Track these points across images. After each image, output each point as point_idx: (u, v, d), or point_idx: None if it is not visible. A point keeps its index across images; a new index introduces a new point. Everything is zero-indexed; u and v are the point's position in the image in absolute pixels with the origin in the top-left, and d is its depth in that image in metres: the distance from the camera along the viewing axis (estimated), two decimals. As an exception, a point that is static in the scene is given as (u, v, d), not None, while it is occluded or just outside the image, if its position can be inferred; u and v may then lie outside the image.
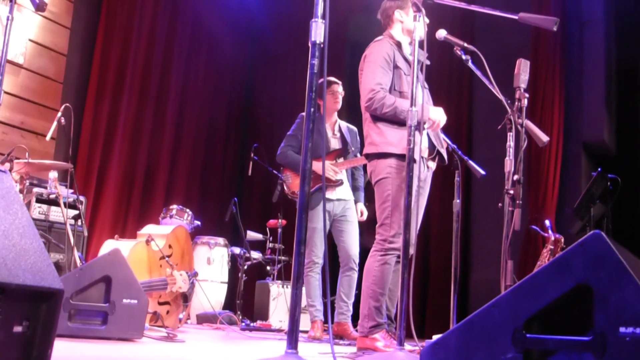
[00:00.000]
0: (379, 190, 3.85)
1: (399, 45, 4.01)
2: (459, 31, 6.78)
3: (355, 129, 5.58)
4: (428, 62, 3.99)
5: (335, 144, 5.44)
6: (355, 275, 5.15)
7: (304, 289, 5.52)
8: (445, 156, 4.08)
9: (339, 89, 5.46)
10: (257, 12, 8.99)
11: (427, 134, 3.93)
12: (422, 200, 3.99)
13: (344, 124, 5.56)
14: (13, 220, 1.91)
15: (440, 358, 2.13)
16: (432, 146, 3.97)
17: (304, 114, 5.77)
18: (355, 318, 4.12)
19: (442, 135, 4.12)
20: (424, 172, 3.95)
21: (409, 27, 4.00)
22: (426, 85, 4.11)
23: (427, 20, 3.97)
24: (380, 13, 4.18)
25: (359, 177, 5.55)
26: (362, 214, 5.42)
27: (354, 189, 5.46)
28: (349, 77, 7.66)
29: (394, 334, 3.69)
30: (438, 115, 3.88)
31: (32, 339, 1.84)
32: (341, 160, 5.35)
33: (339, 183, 5.26)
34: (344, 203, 5.31)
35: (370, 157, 3.92)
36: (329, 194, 5.26)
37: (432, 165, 4.04)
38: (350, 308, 5.10)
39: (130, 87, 7.31)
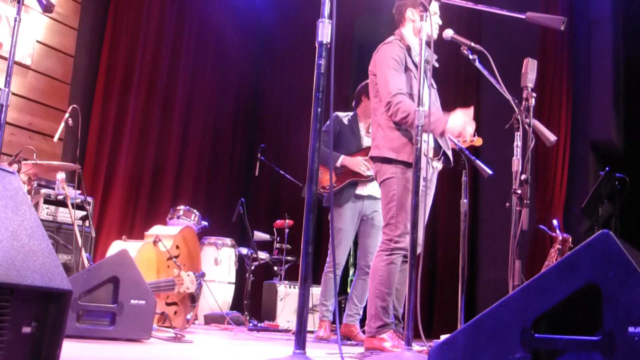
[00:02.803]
0: (385, 191, 3.84)
1: (408, 49, 3.95)
2: (465, 31, 6.77)
3: None
4: (437, 65, 3.97)
5: (368, 142, 5.40)
6: None
7: (313, 289, 5.51)
8: (451, 158, 4.07)
9: None
10: (263, 12, 8.99)
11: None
12: (428, 200, 3.97)
13: None
14: (21, 222, 1.91)
15: (448, 358, 2.12)
16: (437, 147, 3.96)
17: (337, 113, 5.72)
18: (364, 321, 4.10)
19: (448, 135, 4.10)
20: (429, 172, 3.94)
21: (419, 27, 3.96)
22: (434, 85, 4.09)
23: (440, 22, 3.95)
24: (395, 9, 4.13)
25: None
26: None
27: None
28: (356, 76, 7.68)
29: (402, 334, 3.69)
30: (458, 123, 3.71)
31: (40, 340, 1.84)
32: None
33: (370, 178, 5.23)
34: (375, 203, 5.23)
35: (375, 159, 3.92)
36: (360, 190, 5.23)
37: (437, 165, 4.02)
38: (360, 312, 5.09)
39: (137, 88, 7.33)
